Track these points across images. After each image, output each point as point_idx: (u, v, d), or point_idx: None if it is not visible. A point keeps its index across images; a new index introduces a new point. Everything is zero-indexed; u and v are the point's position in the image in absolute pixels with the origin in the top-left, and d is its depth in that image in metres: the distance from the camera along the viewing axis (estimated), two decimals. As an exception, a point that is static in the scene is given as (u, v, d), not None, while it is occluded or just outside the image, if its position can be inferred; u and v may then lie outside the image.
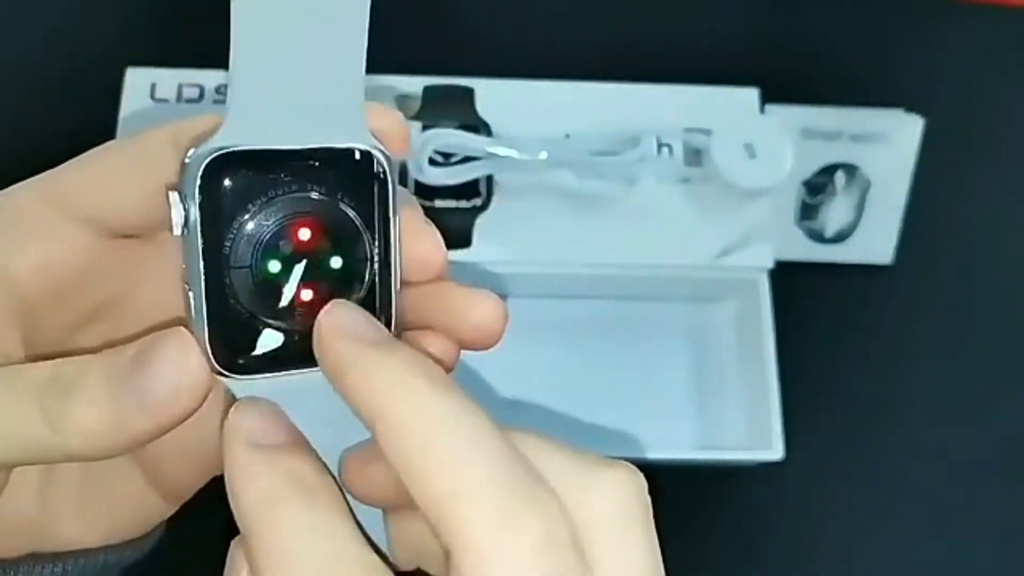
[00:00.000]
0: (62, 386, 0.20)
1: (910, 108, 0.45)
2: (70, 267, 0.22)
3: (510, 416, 0.26)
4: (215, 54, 0.42)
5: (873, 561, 0.43)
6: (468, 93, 0.42)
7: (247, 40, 0.20)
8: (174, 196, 0.21)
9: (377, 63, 0.22)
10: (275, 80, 0.21)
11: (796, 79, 0.46)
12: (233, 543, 0.20)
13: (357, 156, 0.22)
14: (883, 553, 0.43)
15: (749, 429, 0.42)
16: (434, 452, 0.18)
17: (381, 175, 0.22)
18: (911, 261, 0.45)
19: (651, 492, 0.20)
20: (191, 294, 0.21)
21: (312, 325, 0.21)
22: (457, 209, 0.41)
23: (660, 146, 0.42)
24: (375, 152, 0.22)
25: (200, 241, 0.21)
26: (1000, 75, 0.50)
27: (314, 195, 0.21)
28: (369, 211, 0.22)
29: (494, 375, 0.42)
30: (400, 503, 0.21)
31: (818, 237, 0.45)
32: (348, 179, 0.22)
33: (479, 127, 0.41)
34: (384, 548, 0.22)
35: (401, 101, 0.42)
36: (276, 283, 0.21)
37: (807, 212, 0.45)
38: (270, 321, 0.21)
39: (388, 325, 0.22)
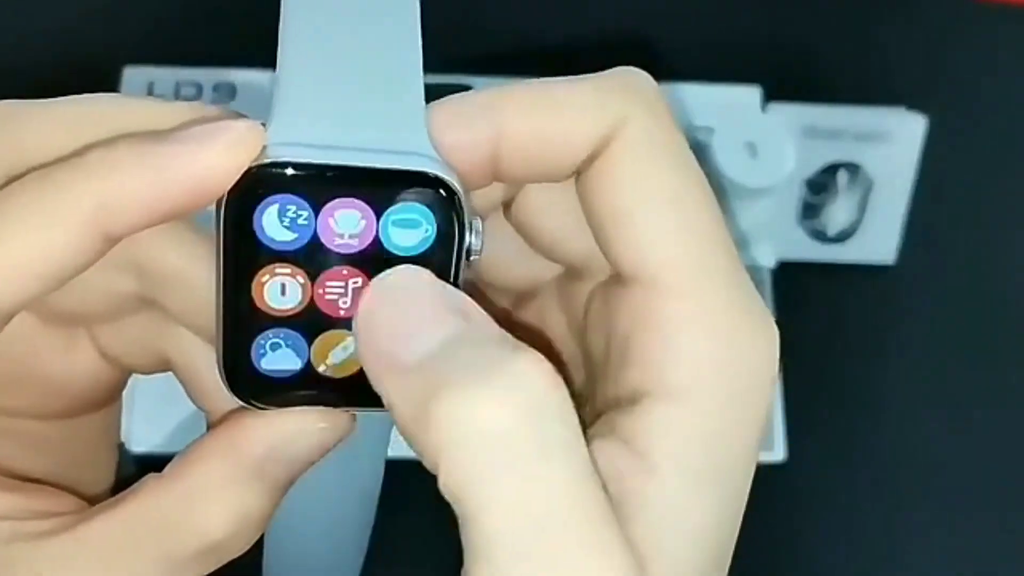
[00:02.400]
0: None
1: (912, 107, 0.45)
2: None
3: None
4: (213, 53, 0.42)
5: (876, 563, 0.43)
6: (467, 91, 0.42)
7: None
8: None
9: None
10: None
11: (798, 77, 0.46)
12: None
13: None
14: (886, 555, 0.43)
15: (751, 430, 0.42)
16: None
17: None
18: (914, 261, 0.45)
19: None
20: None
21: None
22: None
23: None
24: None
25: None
26: (1003, 74, 0.49)
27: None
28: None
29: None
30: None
31: (820, 236, 0.45)
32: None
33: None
34: None
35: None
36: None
37: (809, 211, 0.44)
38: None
39: None
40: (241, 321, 0.20)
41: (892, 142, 0.44)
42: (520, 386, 0.17)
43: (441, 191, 0.19)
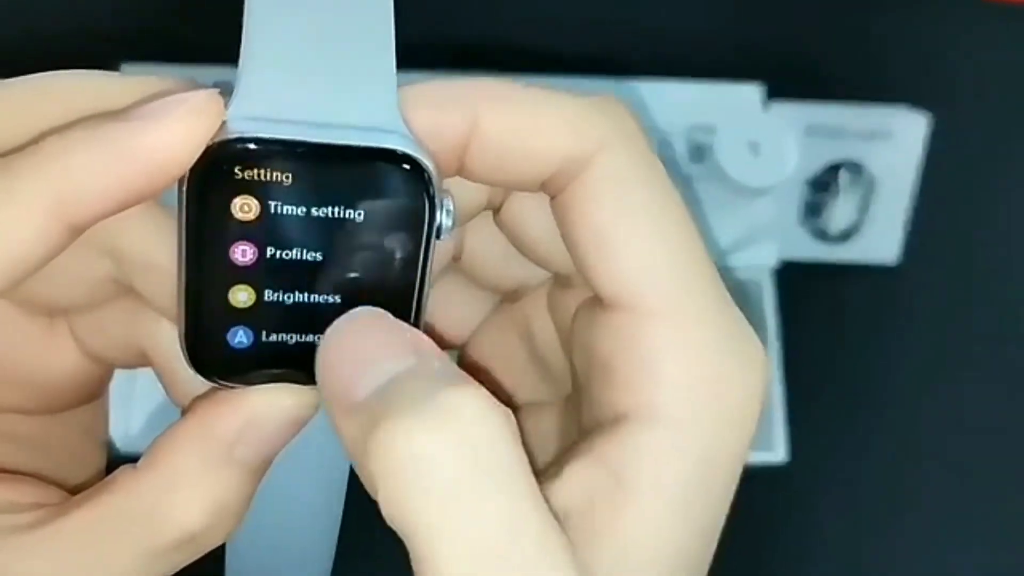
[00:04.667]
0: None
1: (915, 106, 0.45)
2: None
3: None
4: (212, 50, 0.42)
5: (877, 564, 0.43)
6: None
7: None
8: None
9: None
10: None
11: (800, 76, 0.46)
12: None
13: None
14: (887, 557, 0.43)
15: (752, 430, 0.42)
16: None
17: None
18: (916, 260, 0.45)
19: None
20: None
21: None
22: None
23: (663, 143, 0.42)
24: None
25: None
26: (1006, 73, 0.49)
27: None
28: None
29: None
30: None
31: (822, 236, 0.45)
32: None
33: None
34: None
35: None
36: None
37: (811, 210, 0.44)
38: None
39: None
40: (205, 300, 0.19)
41: (894, 141, 0.44)
42: (453, 417, 0.17)
43: (411, 169, 0.19)
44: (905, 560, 0.43)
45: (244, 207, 0.19)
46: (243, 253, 0.19)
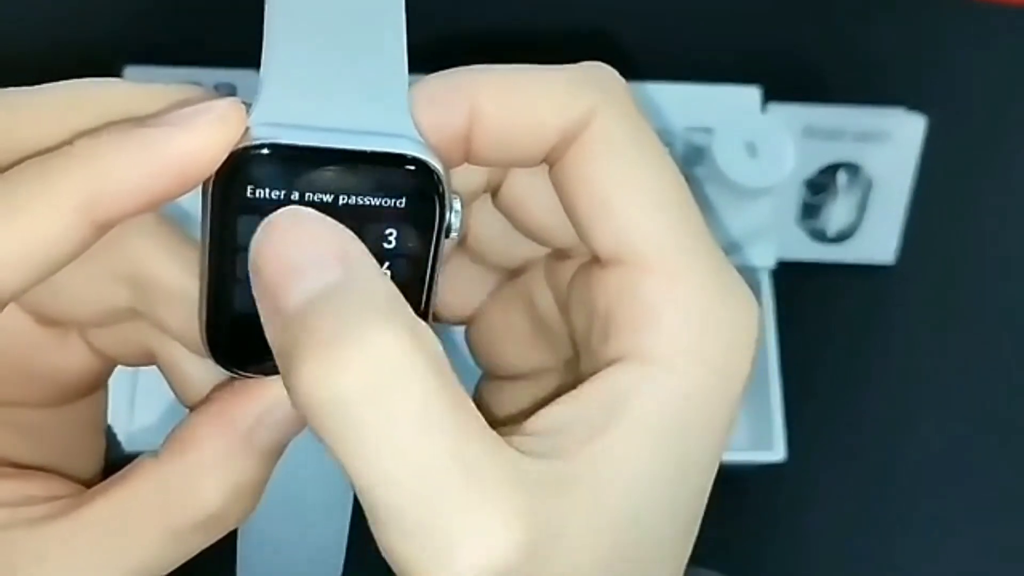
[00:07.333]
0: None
1: (912, 107, 0.45)
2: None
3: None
4: (213, 52, 0.42)
5: (876, 564, 0.43)
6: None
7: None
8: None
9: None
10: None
11: (798, 78, 0.46)
12: None
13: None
14: (886, 556, 0.43)
15: (750, 429, 0.42)
16: None
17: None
18: (914, 261, 0.45)
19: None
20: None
21: None
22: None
23: (661, 145, 0.42)
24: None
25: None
26: (1003, 74, 0.49)
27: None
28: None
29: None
30: None
31: (820, 237, 0.45)
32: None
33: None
34: None
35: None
36: None
37: (809, 211, 0.44)
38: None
39: None
40: (225, 295, 0.20)
41: (892, 142, 0.44)
42: (373, 355, 0.17)
43: (422, 173, 0.20)
44: (903, 559, 0.43)
45: (265, 209, 0.19)
46: None
